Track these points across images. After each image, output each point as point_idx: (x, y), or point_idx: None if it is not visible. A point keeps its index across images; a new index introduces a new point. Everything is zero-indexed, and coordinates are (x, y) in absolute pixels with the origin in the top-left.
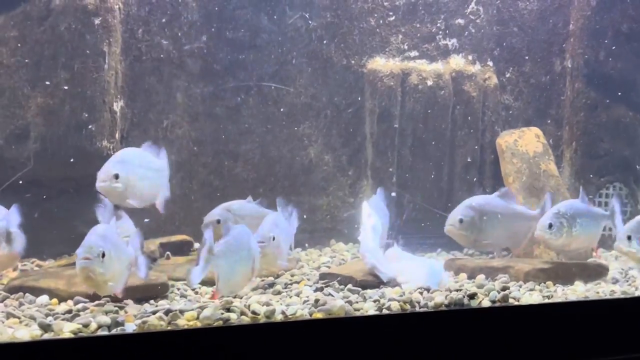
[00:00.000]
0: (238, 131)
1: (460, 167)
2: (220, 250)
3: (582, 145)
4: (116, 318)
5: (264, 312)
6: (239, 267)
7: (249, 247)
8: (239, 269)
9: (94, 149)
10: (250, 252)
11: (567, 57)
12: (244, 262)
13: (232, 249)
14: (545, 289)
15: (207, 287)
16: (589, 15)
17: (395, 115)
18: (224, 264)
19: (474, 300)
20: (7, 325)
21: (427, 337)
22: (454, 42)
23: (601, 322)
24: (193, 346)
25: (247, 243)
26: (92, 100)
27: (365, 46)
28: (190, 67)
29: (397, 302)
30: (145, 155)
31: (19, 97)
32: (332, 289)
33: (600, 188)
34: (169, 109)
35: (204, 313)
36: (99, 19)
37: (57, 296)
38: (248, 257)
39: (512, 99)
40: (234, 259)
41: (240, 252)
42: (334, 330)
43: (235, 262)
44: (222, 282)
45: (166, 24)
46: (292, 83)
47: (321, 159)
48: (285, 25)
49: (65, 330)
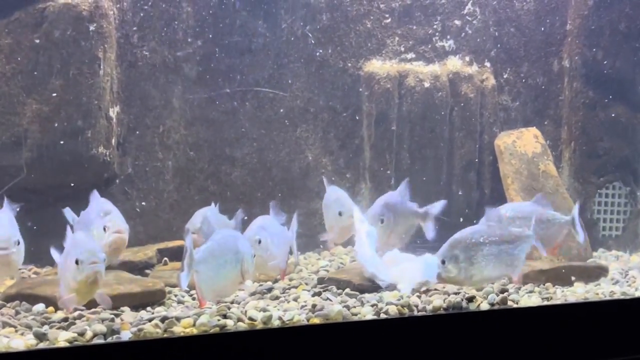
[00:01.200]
0: (235, 136)
1: (458, 168)
2: (200, 257)
3: (580, 145)
4: (112, 326)
5: (261, 318)
6: (223, 271)
7: (235, 250)
8: (223, 273)
9: (90, 155)
10: (237, 256)
11: (565, 57)
12: (230, 266)
13: (215, 254)
14: (544, 290)
15: None
16: (586, 14)
17: (393, 117)
18: (206, 269)
19: (472, 303)
20: (2, 334)
21: (425, 341)
22: (450, 43)
23: (601, 323)
24: (189, 353)
25: (234, 246)
26: (87, 106)
27: (361, 49)
28: (186, 72)
29: (395, 306)
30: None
31: (14, 104)
32: (330, 293)
33: (599, 188)
34: (165, 115)
35: (200, 320)
36: (93, 25)
37: (53, 304)
38: (234, 260)
39: (510, 100)
40: (216, 263)
41: (224, 256)
42: (332, 336)
43: (219, 267)
44: (204, 288)
45: (161, 29)
46: (289, 87)
47: (319, 162)
48: (281, 29)
49: (61, 339)
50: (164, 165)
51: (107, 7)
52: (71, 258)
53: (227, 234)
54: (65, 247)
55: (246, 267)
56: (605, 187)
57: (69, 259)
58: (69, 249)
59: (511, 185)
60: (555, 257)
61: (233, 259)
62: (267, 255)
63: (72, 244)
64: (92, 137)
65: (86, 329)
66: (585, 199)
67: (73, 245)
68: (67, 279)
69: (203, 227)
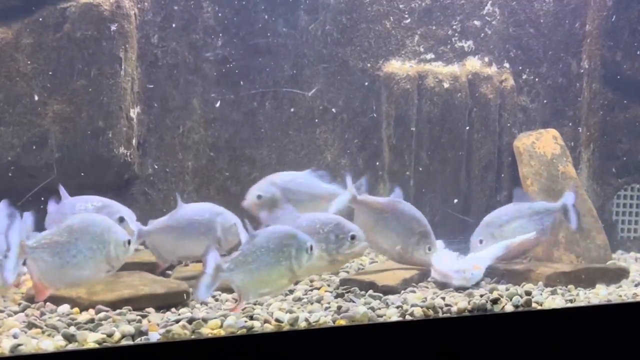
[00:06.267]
0: (254, 136)
1: (477, 169)
2: (229, 266)
3: (599, 146)
4: (139, 327)
5: (288, 319)
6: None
7: (279, 249)
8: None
9: (111, 155)
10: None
11: (584, 58)
12: (272, 267)
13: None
14: (567, 292)
15: (227, 294)
16: (605, 15)
17: (412, 118)
18: (244, 275)
19: (496, 305)
20: (30, 335)
21: (450, 343)
22: (470, 44)
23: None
24: (219, 355)
25: (278, 245)
26: (108, 107)
27: (381, 49)
28: (207, 72)
29: (420, 307)
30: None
31: (36, 104)
32: (353, 295)
33: (618, 189)
34: (186, 115)
35: (227, 321)
36: (115, 25)
37: (78, 305)
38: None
39: (529, 101)
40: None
41: (263, 257)
42: (358, 337)
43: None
44: (246, 289)
45: (182, 29)
46: (308, 87)
47: (338, 163)
48: (301, 29)
49: (90, 341)
50: (184, 165)
51: (129, 7)
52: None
53: (268, 232)
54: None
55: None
56: (624, 188)
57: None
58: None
59: (530, 186)
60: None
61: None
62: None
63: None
64: (113, 137)
65: (114, 330)
66: (604, 201)
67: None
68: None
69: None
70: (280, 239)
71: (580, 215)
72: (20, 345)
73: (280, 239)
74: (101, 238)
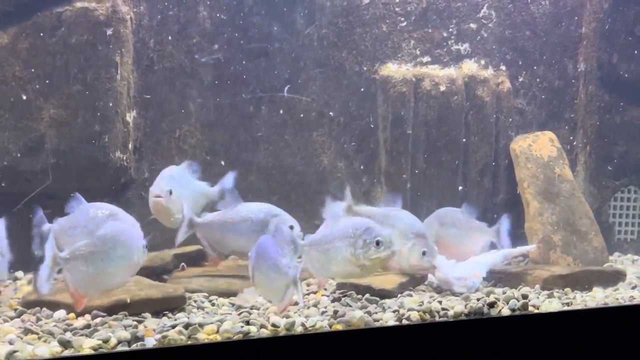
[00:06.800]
0: (251, 140)
1: (474, 172)
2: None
3: (596, 148)
4: (136, 332)
5: (284, 324)
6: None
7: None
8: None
9: (107, 160)
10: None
11: (581, 61)
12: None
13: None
14: (563, 295)
15: (223, 299)
16: (601, 17)
17: (409, 121)
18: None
19: (493, 308)
20: (25, 341)
21: (447, 347)
22: (466, 46)
23: (623, 328)
24: None
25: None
26: (104, 111)
27: (377, 52)
28: (203, 76)
29: (417, 312)
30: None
31: (32, 109)
32: (349, 299)
33: (615, 191)
34: (182, 119)
35: (223, 326)
36: (110, 29)
37: (74, 310)
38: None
39: (526, 103)
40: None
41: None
42: (355, 342)
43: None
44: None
45: (178, 33)
46: (305, 91)
47: (334, 166)
48: (297, 33)
49: (85, 347)
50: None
51: (124, 12)
52: None
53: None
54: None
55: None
56: (620, 190)
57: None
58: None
59: (527, 189)
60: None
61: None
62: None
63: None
64: (109, 141)
65: (110, 335)
66: (600, 203)
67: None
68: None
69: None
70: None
71: (577, 218)
72: (15, 352)
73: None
74: (130, 246)
